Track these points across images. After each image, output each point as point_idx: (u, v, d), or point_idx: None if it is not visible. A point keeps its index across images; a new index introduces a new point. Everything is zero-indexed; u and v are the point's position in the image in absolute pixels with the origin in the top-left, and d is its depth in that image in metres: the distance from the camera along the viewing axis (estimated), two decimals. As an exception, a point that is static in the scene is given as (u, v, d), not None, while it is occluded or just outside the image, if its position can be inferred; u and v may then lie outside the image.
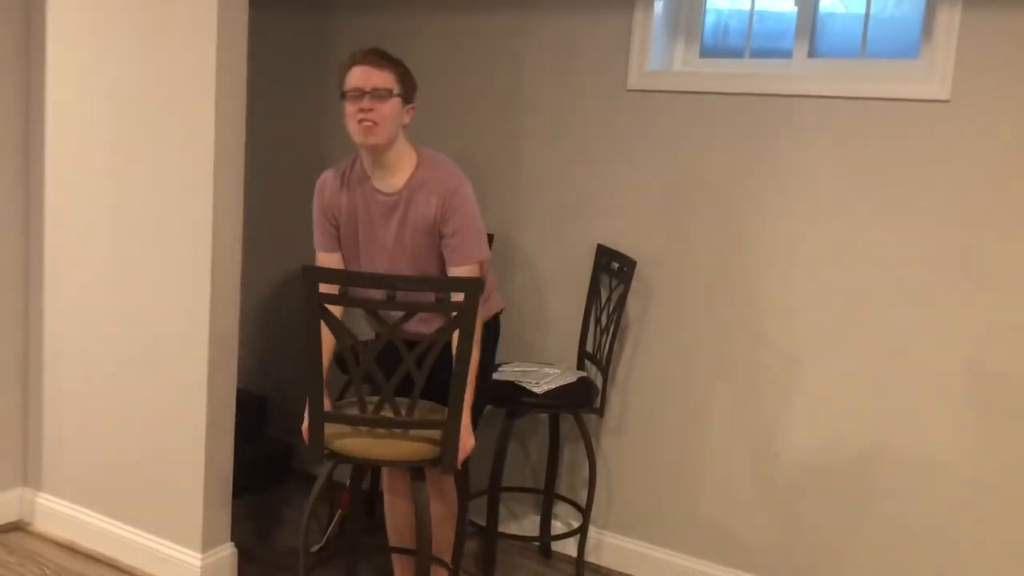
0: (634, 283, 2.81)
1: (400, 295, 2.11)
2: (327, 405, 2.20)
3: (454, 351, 2.15)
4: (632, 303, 2.89)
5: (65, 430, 2.93)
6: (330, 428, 2.21)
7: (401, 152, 2.38)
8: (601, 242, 2.93)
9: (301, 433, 2.28)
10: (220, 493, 2.71)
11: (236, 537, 2.80)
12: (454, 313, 2.08)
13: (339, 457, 2.22)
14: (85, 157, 2.78)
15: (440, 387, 2.22)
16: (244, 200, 2.66)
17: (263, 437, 3.60)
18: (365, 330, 2.57)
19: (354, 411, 2.20)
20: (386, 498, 2.59)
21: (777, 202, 2.69)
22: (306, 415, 2.22)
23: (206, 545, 2.68)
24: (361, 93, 2.29)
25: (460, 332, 2.10)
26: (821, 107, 2.60)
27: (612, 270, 2.85)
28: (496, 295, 2.56)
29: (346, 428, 2.23)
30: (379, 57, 2.34)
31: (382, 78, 2.32)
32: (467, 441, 2.28)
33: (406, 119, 2.38)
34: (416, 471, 2.25)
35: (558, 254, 3.05)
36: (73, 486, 2.93)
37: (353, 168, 2.43)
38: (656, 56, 2.86)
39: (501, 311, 2.58)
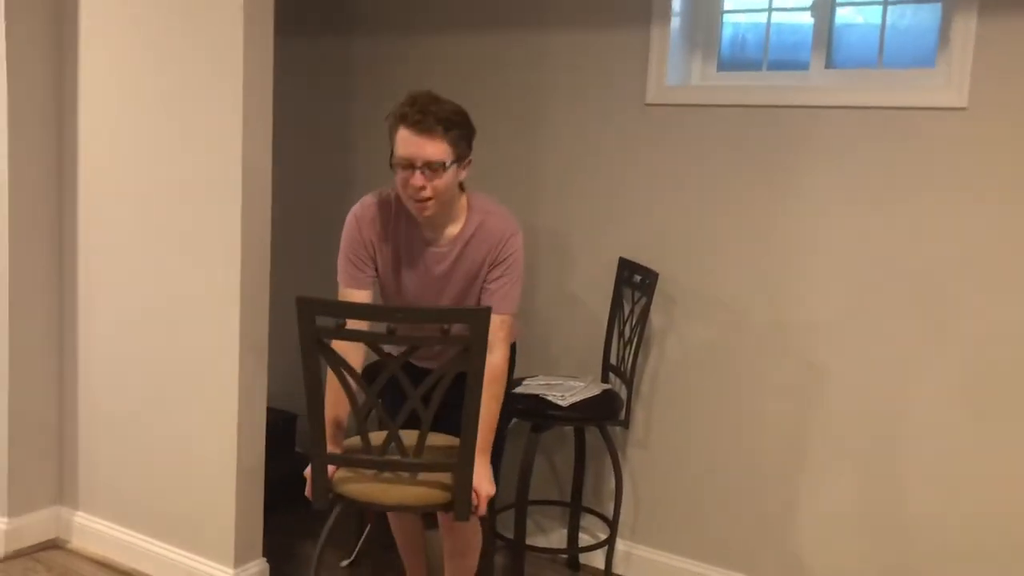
0: (657, 295, 2.83)
1: (410, 328, 1.99)
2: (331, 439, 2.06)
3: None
4: (655, 315, 2.91)
5: (99, 449, 2.99)
6: (338, 469, 2.10)
7: (454, 208, 2.24)
8: (623, 255, 2.95)
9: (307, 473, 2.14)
10: (252, 509, 2.75)
11: (268, 553, 2.83)
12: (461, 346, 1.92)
13: (345, 501, 2.09)
14: (115, 179, 2.85)
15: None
16: (272, 219, 2.71)
17: (293, 454, 3.64)
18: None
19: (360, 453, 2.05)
20: (392, 524, 2.53)
21: (797, 212, 2.70)
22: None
23: (238, 561, 2.72)
24: (411, 166, 2.10)
25: (469, 366, 1.91)
26: (839, 117, 2.62)
27: (634, 283, 2.87)
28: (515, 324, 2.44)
29: (351, 471, 2.10)
30: (434, 122, 2.09)
31: (436, 150, 2.10)
32: (485, 487, 2.09)
33: (462, 176, 2.20)
34: (427, 517, 2.10)
35: (581, 268, 3.07)
36: (108, 504, 2.98)
37: (399, 204, 2.26)
38: (674, 70, 2.89)
39: (514, 341, 2.44)
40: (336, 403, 2.14)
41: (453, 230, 2.26)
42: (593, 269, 3.04)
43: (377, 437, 2.06)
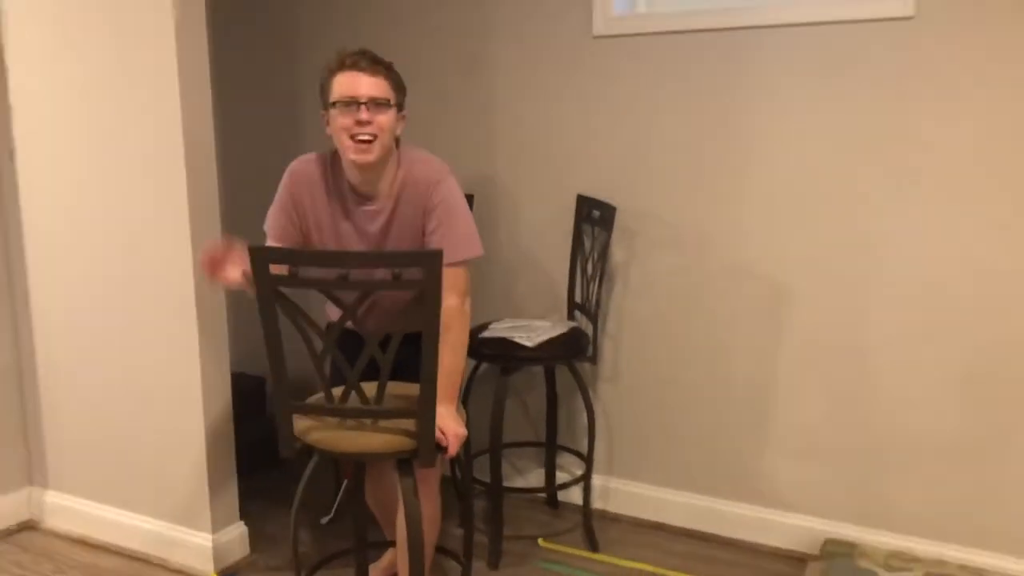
0: (616, 230, 2.82)
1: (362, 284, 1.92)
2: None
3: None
4: (616, 250, 2.90)
5: (65, 426, 2.94)
6: (301, 419, 2.09)
7: (390, 162, 2.21)
8: (581, 192, 2.93)
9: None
10: (224, 473, 2.73)
11: (245, 516, 2.82)
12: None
13: (311, 450, 2.06)
14: (56, 161, 2.76)
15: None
16: (221, 183, 2.65)
17: (264, 417, 3.62)
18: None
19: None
20: (367, 483, 2.47)
21: (750, 134, 2.68)
22: None
23: (216, 525, 2.70)
24: (354, 102, 2.09)
25: (423, 310, 1.87)
26: (789, 36, 2.59)
27: (594, 219, 2.85)
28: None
29: (314, 420, 2.09)
30: (372, 62, 2.12)
31: (377, 86, 2.10)
32: (453, 428, 2.06)
33: (399, 130, 2.20)
34: (402, 463, 2.06)
35: (539, 208, 3.05)
36: (79, 481, 2.95)
37: (334, 166, 2.25)
38: (620, 0, 2.84)
39: None
40: None
41: (384, 187, 2.23)
42: (551, 208, 3.01)
43: (339, 390, 2.03)
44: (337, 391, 2.01)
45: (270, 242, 2.27)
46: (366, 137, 2.11)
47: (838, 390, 2.67)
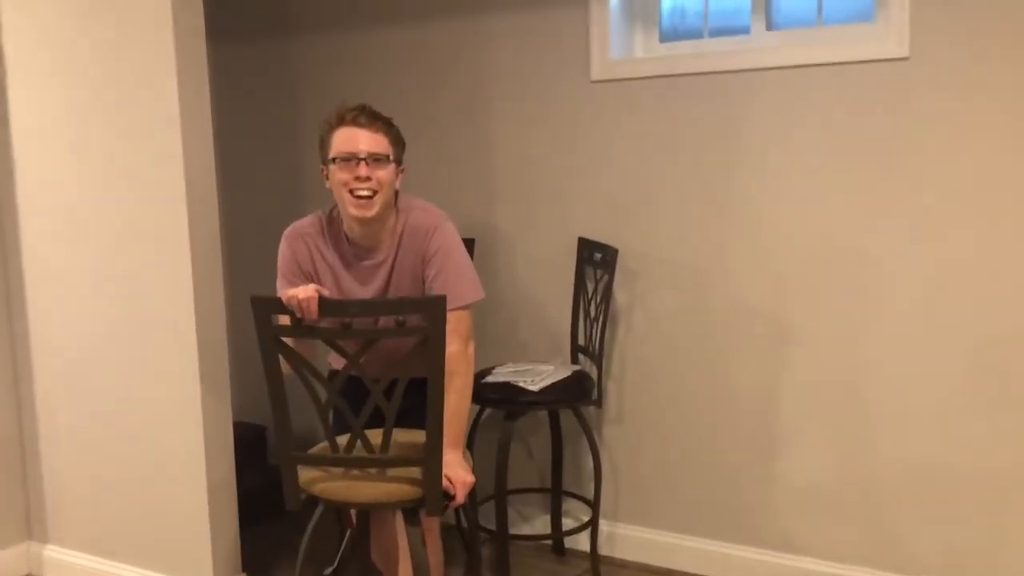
0: (619, 272, 2.82)
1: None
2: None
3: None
4: (618, 292, 2.89)
5: (65, 479, 2.91)
6: (305, 470, 2.07)
7: (389, 218, 2.23)
8: (582, 234, 2.93)
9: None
10: (227, 525, 2.69)
11: (248, 567, 2.78)
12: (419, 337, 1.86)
13: (318, 501, 2.05)
14: (57, 210, 2.77)
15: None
16: (223, 231, 2.65)
17: (266, 466, 3.59)
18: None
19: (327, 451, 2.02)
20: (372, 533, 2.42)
21: (750, 176, 2.70)
22: None
23: (218, 578, 2.67)
24: (353, 158, 2.10)
25: (428, 356, 1.86)
26: (784, 78, 2.62)
27: (595, 261, 2.85)
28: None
29: (319, 470, 2.07)
30: (371, 118, 2.14)
31: (376, 141, 2.12)
32: (461, 475, 2.05)
33: (398, 183, 2.21)
34: (408, 512, 2.05)
35: (540, 251, 3.05)
36: (79, 535, 2.90)
37: (332, 223, 2.26)
38: (616, 45, 2.88)
39: None
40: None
41: (385, 236, 2.24)
42: (553, 251, 3.01)
43: (344, 439, 2.02)
44: (342, 440, 2.00)
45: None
46: (366, 192, 2.12)
47: (844, 429, 2.65)
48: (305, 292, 1.90)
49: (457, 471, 2.05)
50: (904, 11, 2.43)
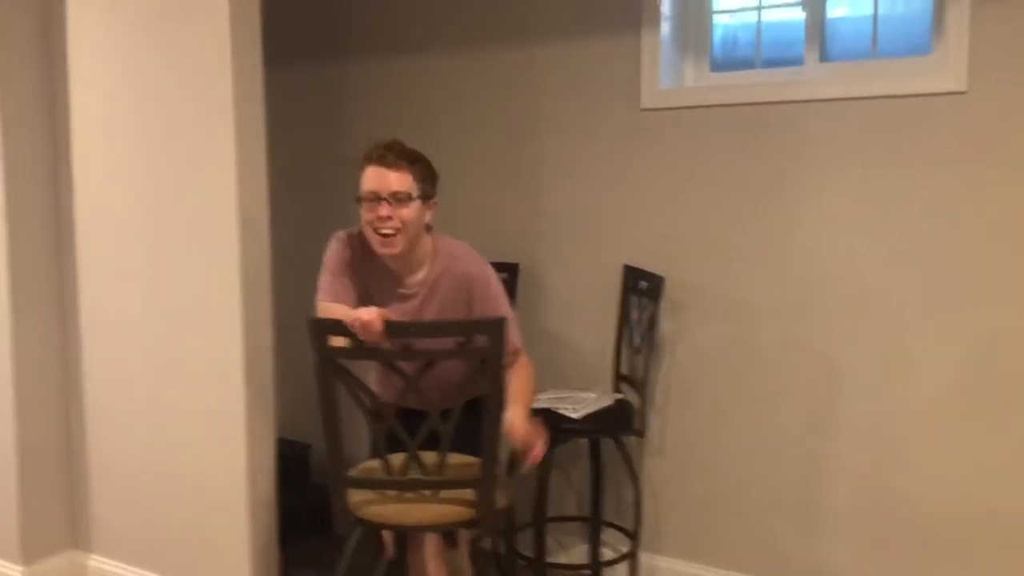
0: (664, 301, 2.80)
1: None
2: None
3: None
4: (664, 321, 2.87)
5: (111, 491, 2.95)
6: (357, 493, 2.07)
7: (421, 250, 2.26)
8: (628, 262, 2.92)
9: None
10: (267, 542, 2.71)
11: (285, 586, 2.80)
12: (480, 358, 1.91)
13: (369, 525, 2.06)
14: (110, 222, 2.84)
15: (472, 438, 2.04)
16: (271, 249, 2.69)
17: (308, 485, 3.61)
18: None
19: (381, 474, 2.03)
20: (418, 558, 2.40)
21: (799, 208, 2.67)
22: None
23: (256, 595, 2.68)
24: (377, 198, 2.15)
25: (487, 376, 1.91)
26: (837, 110, 2.59)
27: (641, 289, 2.83)
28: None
29: (372, 493, 2.07)
30: (395, 156, 2.17)
31: (400, 180, 2.15)
32: (535, 440, 2.03)
33: (427, 218, 2.23)
34: (448, 536, 2.06)
35: (585, 278, 3.04)
36: (122, 546, 2.94)
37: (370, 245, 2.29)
38: (667, 74, 2.88)
39: None
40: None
41: (419, 275, 2.28)
42: (598, 278, 3.00)
43: (394, 459, 2.03)
44: (396, 463, 2.00)
45: (328, 309, 2.25)
46: (388, 231, 2.16)
47: (892, 470, 2.58)
48: (368, 314, 1.92)
49: (527, 431, 2.03)
50: (962, 45, 2.39)
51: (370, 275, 2.29)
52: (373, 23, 3.42)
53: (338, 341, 1.93)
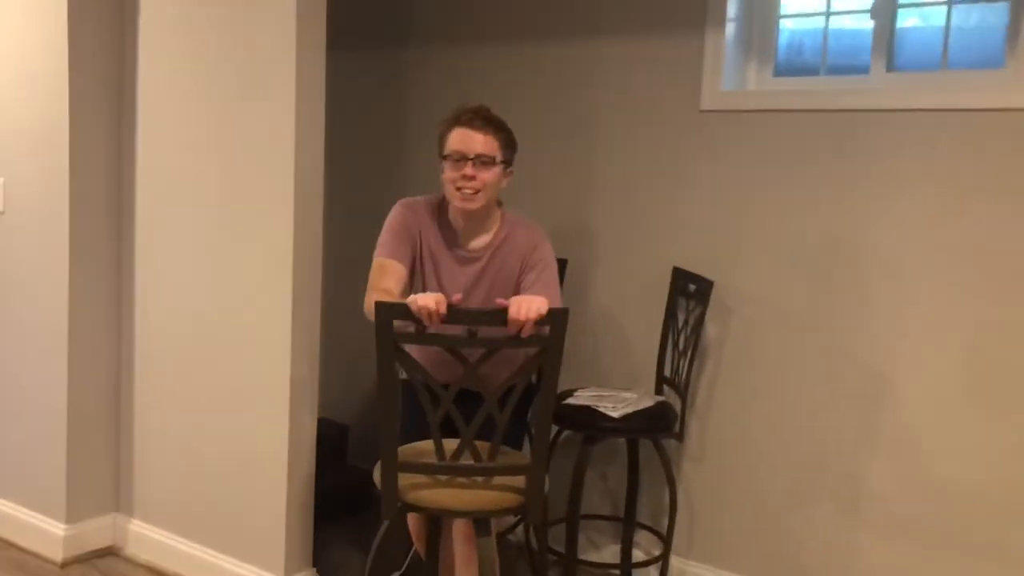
0: (712, 306, 2.77)
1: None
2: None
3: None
4: (710, 327, 2.84)
5: (154, 458, 3.02)
6: (405, 476, 2.07)
7: (491, 215, 2.39)
8: (678, 264, 2.89)
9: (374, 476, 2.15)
10: (302, 519, 2.75)
11: (318, 563, 2.82)
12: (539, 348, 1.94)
13: (415, 509, 2.08)
14: (170, 197, 2.89)
15: (512, 416, 2.07)
16: (324, 231, 2.72)
17: (345, 466, 3.65)
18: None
19: (430, 458, 2.04)
20: (450, 545, 2.43)
21: (858, 220, 2.62)
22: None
23: (288, 570, 2.71)
24: (463, 158, 2.26)
25: (546, 368, 1.95)
26: (903, 121, 2.53)
27: (689, 292, 2.81)
28: None
29: (423, 477, 2.09)
30: (485, 121, 2.30)
31: (486, 144, 2.28)
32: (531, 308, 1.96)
33: (504, 184, 2.37)
34: (481, 523, 2.08)
35: (633, 277, 3.02)
36: (162, 512, 3.01)
37: (441, 207, 2.42)
38: (729, 76, 2.84)
39: None
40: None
41: (485, 239, 2.39)
42: (647, 279, 2.98)
43: (449, 446, 2.05)
44: (449, 448, 2.03)
45: (385, 264, 2.34)
46: (469, 190, 2.27)
47: (938, 486, 2.53)
48: (434, 299, 1.94)
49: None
50: (1037, 60, 2.33)
51: (434, 239, 2.39)
52: (436, 12, 3.43)
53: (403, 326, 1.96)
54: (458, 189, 2.28)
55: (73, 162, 2.88)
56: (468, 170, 2.25)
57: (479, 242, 2.40)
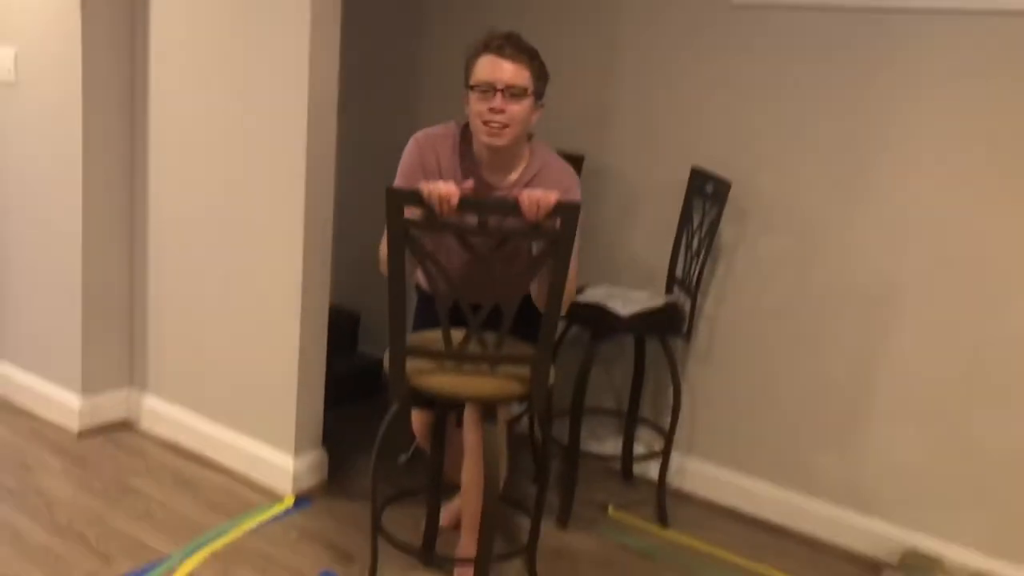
0: (728, 208, 2.74)
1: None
2: None
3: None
4: (726, 227, 2.82)
5: (168, 334, 3.06)
6: (413, 363, 2.09)
7: (520, 150, 2.20)
8: (696, 164, 2.86)
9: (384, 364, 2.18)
10: (313, 400, 2.81)
11: (327, 444, 2.90)
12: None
13: (423, 393, 2.09)
14: (184, 88, 2.85)
15: (521, 325, 2.08)
16: (339, 119, 2.68)
17: (356, 353, 3.71)
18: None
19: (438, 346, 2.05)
20: (457, 438, 2.46)
21: (885, 127, 2.56)
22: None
23: (298, 449, 2.79)
24: (491, 89, 2.08)
25: (555, 262, 1.94)
26: (946, 23, 2.44)
27: (706, 193, 2.78)
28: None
29: (430, 363, 2.10)
30: (516, 49, 2.10)
31: (517, 74, 2.08)
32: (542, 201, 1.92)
33: (534, 119, 2.17)
34: (488, 412, 2.11)
35: (651, 176, 2.99)
36: (175, 388, 3.07)
37: (465, 137, 2.23)
38: (762, -30, 2.74)
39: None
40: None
41: (512, 176, 2.22)
42: (663, 178, 2.95)
43: (457, 336, 2.07)
44: (456, 337, 2.06)
45: None
46: (496, 124, 2.10)
47: (942, 403, 2.56)
48: (446, 187, 1.92)
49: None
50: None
51: (454, 173, 2.22)
52: None
53: (412, 212, 1.94)
54: (485, 123, 2.10)
55: (85, 32, 2.83)
56: (496, 102, 2.07)
57: (505, 178, 2.22)
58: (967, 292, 2.49)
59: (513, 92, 2.08)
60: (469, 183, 2.02)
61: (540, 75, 2.14)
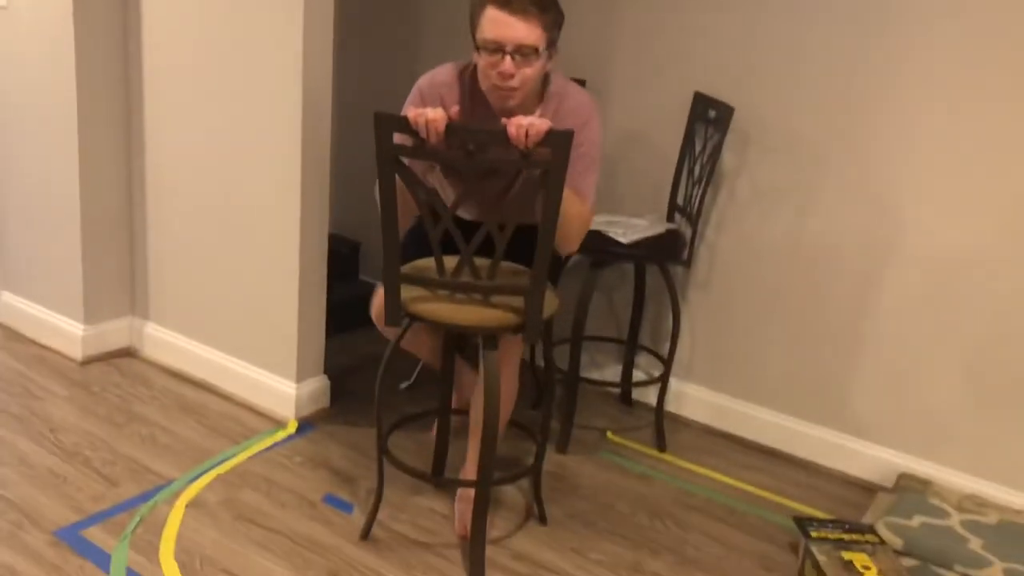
0: (731, 133, 2.71)
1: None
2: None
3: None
4: (727, 154, 2.80)
5: (168, 262, 3.06)
6: (408, 291, 2.07)
7: (533, 92, 2.08)
8: (699, 89, 2.81)
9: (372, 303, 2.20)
10: (314, 327, 2.82)
11: (329, 371, 2.92)
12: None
13: (418, 320, 2.06)
14: (179, 11, 2.80)
15: (523, 251, 2.04)
16: (339, 54, 2.63)
17: (357, 281, 3.71)
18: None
19: (433, 275, 2.02)
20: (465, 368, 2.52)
21: (895, 62, 2.51)
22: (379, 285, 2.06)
23: (300, 376, 2.81)
24: (499, 50, 1.95)
25: (548, 191, 1.88)
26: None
27: (708, 119, 2.74)
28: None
29: (425, 292, 2.08)
30: (528, 2, 1.93)
31: (529, 32, 1.93)
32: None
33: (549, 66, 2.04)
34: (488, 339, 2.07)
35: (652, 101, 2.95)
36: (177, 316, 3.09)
37: (473, 82, 2.12)
38: None
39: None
40: (406, 216, 2.09)
41: (523, 111, 2.09)
42: (665, 103, 2.91)
43: (449, 261, 2.05)
44: (448, 261, 2.03)
45: None
46: (507, 87, 2.01)
47: (940, 327, 2.57)
48: (434, 113, 1.85)
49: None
50: None
51: (464, 115, 2.11)
52: None
53: (402, 138, 1.90)
54: (494, 86, 1.99)
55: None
56: (506, 66, 1.94)
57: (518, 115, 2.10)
58: (972, 219, 2.48)
59: (524, 53, 1.95)
60: (455, 109, 1.94)
61: (553, 24, 1.99)
